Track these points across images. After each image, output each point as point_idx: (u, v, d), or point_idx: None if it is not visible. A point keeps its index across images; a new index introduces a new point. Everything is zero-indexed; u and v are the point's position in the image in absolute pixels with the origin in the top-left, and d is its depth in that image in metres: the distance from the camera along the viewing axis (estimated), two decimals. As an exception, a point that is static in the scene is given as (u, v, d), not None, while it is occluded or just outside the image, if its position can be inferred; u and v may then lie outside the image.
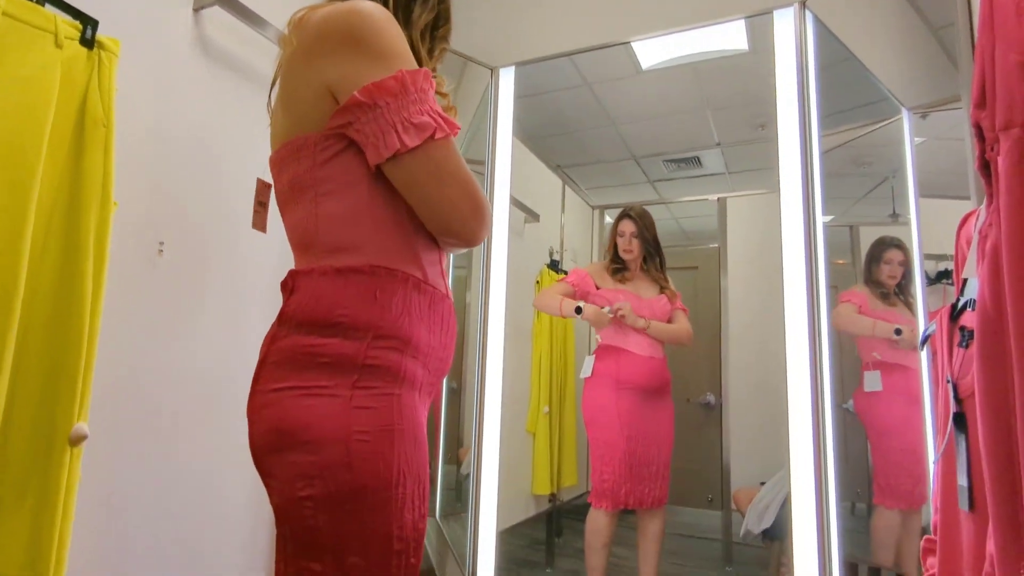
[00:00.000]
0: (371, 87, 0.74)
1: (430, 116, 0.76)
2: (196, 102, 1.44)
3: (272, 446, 0.72)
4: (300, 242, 0.82)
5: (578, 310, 2.14)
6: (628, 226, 2.23)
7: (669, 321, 2.20)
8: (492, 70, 2.18)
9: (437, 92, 0.84)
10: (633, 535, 2.14)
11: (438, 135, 0.76)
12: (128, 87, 1.19)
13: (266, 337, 0.78)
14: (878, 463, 2.08)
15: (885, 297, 2.15)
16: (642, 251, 2.23)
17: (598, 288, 2.21)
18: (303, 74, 0.79)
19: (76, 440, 1.03)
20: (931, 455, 1.72)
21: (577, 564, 2.27)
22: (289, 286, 0.78)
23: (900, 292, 2.13)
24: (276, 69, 0.87)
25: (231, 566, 1.52)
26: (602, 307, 2.15)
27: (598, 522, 2.07)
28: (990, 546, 0.56)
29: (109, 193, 1.11)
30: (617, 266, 2.24)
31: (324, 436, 0.70)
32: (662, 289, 2.24)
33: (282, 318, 0.77)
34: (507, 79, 2.17)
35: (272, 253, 1.60)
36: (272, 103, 0.87)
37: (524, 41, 2.22)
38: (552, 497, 2.94)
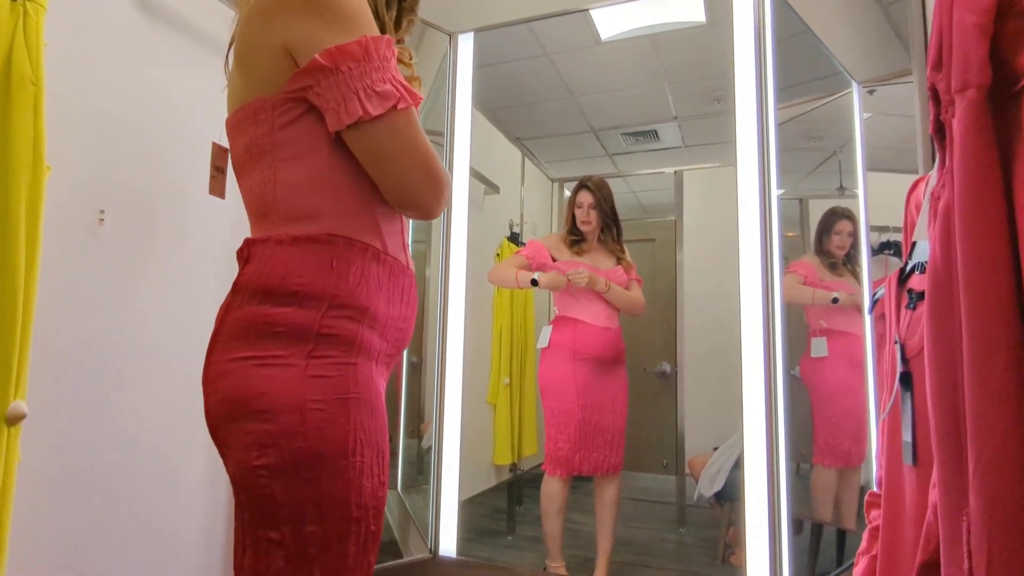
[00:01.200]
0: (333, 51, 0.72)
1: (392, 85, 0.75)
2: (136, 61, 1.35)
3: (227, 416, 0.72)
4: (258, 209, 0.79)
5: (534, 282, 2.14)
6: (586, 197, 2.22)
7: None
8: (451, 36, 2.12)
9: (400, 62, 0.82)
10: (591, 501, 2.20)
11: (401, 105, 0.74)
12: (58, 43, 1.11)
13: (221, 307, 0.76)
14: (819, 425, 2.17)
15: (833, 267, 2.22)
16: (600, 222, 2.23)
17: (555, 260, 2.21)
18: (260, 34, 0.76)
19: (13, 419, 0.98)
20: (873, 415, 1.81)
21: (537, 531, 2.32)
22: (245, 255, 0.77)
23: (848, 262, 2.21)
24: (233, 29, 0.82)
25: (189, 541, 1.49)
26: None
27: (553, 488, 2.11)
28: (933, 495, 0.59)
29: (41, 156, 1.04)
30: (575, 237, 2.24)
31: (279, 405, 0.69)
32: (619, 260, 2.25)
33: (237, 288, 0.76)
34: (466, 46, 2.12)
35: (225, 221, 1.54)
36: (229, 65, 0.84)
37: (484, 6, 2.17)
38: (513, 467, 2.98)
